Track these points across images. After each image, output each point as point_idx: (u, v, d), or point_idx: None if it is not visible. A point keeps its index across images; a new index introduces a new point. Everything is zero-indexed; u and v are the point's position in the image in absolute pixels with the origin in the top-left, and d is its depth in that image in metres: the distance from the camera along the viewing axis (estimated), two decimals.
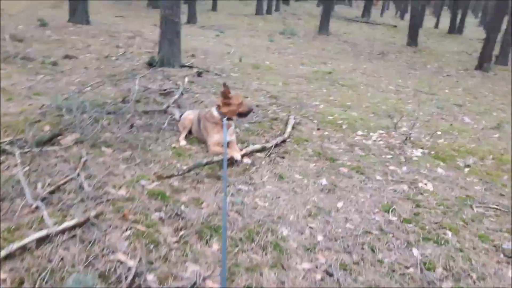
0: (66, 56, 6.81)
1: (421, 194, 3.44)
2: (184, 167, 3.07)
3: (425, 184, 3.63)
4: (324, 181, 3.45)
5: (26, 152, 3.22)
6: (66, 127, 3.77)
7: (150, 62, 6.58)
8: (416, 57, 13.93)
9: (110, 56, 7.37)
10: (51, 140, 3.48)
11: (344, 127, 4.96)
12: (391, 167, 3.91)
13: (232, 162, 3.49)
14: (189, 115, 4.05)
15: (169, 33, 6.67)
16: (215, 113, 3.70)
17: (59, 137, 3.55)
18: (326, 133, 4.70)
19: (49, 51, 7.15)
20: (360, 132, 4.83)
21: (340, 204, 3.10)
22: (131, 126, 3.94)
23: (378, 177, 3.66)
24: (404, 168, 3.93)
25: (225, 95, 3.63)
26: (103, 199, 2.72)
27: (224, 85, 3.62)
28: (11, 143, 3.30)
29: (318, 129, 4.81)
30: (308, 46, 14.29)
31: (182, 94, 5.32)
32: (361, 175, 3.67)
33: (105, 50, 8.03)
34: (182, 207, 2.72)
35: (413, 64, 12.13)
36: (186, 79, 6.10)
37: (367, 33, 20.56)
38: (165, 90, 5.24)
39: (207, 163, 3.20)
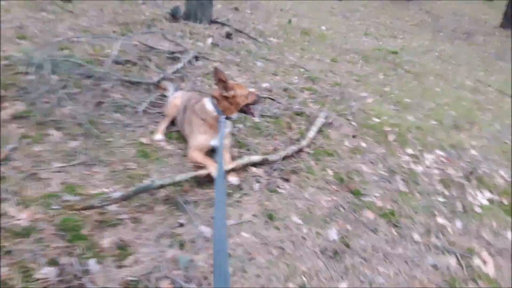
0: None
1: (473, 280, 2.27)
2: (119, 193, 2.08)
3: (484, 261, 2.43)
4: (333, 233, 2.36)
5: None
6: (18, 92, 2.93)
7: (173, 13, 5.50)
8: (508, 43, 11.52)
9: None
10: None
11: (390, 138, 3.70)
12: (440, 220, 2.71)
13: (211, 179, 2.49)
14: (177, 99, 3.04)
15: None
16: (209, 106, 2.65)
17: None
18: (363, 144, 3.50)
19: None
20: (410, 150, 3.56)
21: (343, 286, 2.03)
22: (99, 103, 3.01)
23: (416, 237, 2.50)
24: (458, 225, 2.71)
25: (224, 84, 2.56)
26: None
27: (216, 69, 2.53)
28: None
29: (354, 136, 3.61)
30: (382, 11, 12.41)
31: (196, 59, 4.29)
32: (393, 228, 2.53)
33: None
34: (91, 263, 1.79)
35: (503, 54, 9.94)
36: (210, 41, 5.02)
37: (456, 4, 17.67)
38: (173, 53, 4.21)
39: (162, 186, 2.21)
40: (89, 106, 2.98)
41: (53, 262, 1.74)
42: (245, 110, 2.73)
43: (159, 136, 2.85)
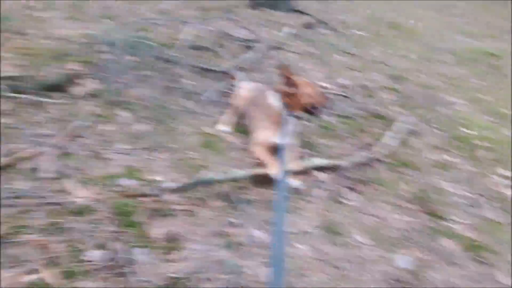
0: None
1: None
2: (177, 183, 1.99)
3: None
4: (402, 260, 2.06)
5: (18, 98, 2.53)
6: (94, 69, 2.99)
7: None
8: None
9: None
10: (61, 86, 2.73)
11: (482, 154, 3.21)
12: None
13: (269, 180, 2.30)
14: (245, 90, 2.87)
15: None
16: (273, 101, 2.47)
17: (74, 83, 2.80)
18: (449, 158, 3.07)
19: None
20: (503, 171, 3.05)
21: None
22: (169, 87, 2.97)
23: (502, 279, 2.09)
24: None
25: (289, 80, 2.36)
26: (52, 200, 1.89)
27: (281, 64, 2.33)
28: (12, 79, 2.63)
29: (439, 148, 3.18)
30: (482, 9, 11.11)
31: (271, 49, 4.10)
32: (477, 263, 2.15)
33: None
34: (138, 253, 1.72)
35: None
36: (287, 30, 4.80)
37: None
38: (248, 41, 4.07)
39: (219, 181, 2.08)
40: (158, 90, 2.96)
41: (101, 246, 1.71)
42: (309, 110, 2.49)
43: (224, 127, 2.74)
